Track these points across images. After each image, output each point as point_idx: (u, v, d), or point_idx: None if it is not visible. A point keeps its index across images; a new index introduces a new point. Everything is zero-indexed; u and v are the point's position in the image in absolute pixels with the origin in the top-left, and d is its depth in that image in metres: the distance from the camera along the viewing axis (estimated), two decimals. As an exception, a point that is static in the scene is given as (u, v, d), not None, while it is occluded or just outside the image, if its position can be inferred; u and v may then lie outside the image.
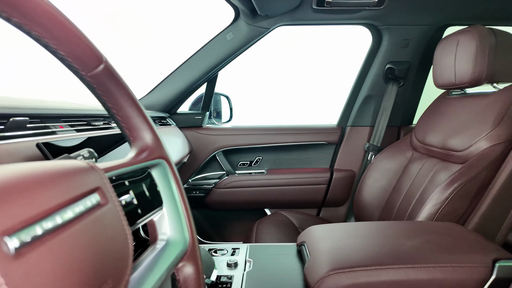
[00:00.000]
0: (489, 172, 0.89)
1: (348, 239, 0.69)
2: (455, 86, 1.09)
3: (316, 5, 1.25)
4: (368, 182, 1.35)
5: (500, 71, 0.99)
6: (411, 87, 1.50)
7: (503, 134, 0.91)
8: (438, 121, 1.19)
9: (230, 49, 1.39)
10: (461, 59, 1.04)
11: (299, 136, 1.58)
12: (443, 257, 0.59)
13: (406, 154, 1.30)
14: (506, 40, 0.99)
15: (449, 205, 0.88)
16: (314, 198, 1.59)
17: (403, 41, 1.39)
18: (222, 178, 1.58)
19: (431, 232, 0.70)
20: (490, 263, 0.58)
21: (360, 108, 1.53)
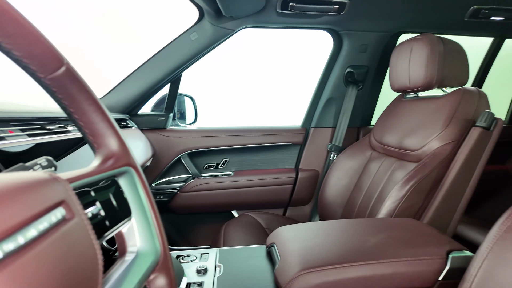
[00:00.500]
0: (441, 169, 0.97)
1: (316, 238, 0.71)
2: (409, 89, 1.17)
3: (280, 8, 1.27)
4: (331, 181, 1.40)
5: (448, 76, 1.08)
6: (369, 90, 1.58)
7: (452, 135, 0.99)
8: (394, 122, 1.26)
9: (194, 49, 1.36)
10: (414, 65, 1.11)
11: (265, 138, 1.59)
12: (404, 252, 0.63)
13: (366, 154, 1.36)
14: (452, 48, 1.08)
15: (407, 201, 0.94)
16: (281, 198, 1.61)
17: (362, 46, 1.46)
18: (187, 181, 1.54)
19: (392, 228, 0.74)
20: (445, 255, 0.63)
21: (322, 110, 1.59)
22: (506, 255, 0.51)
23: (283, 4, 1.25)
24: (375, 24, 1.41)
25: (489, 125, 0.94)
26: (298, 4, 1.25)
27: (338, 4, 1.26)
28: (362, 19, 1.37)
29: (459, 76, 1.10)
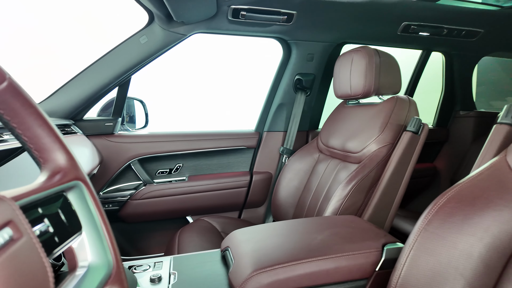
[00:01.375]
0: (378, 170, 1.07)
1: (268, 240, 0.75)
2: (351, 97, 1.27)
3: (232, 16, 1.30)
4: (283, 183, 1.46)
5: (384, 85, 1.20)
6: (316, 96, 1.68)
7: (387, 138, 1.10)
8: (338, 127, 1.36)
9: (144, 53, 1.33)
10: (354, 74, 1.22)
11: (219, 142, 1.60)
12: (346, 247, 0.69)
13: (314, 156, 1.45)
14: (387, 59, 1.21)
15: (349, 200, 1.03)
16: (236, 201, 1.64)
17: (309, 55, 1.55)
18: (138, 188, 1.49)
19: (336, 225, 0.81)
20: (380, 247, 0.70)
21: (274, 114, 1.65)
22: (427, 245, 0.59)
23: (234, 12, 1.28)
24: (320, 34, 1.50)
25: (418, 129, 1.06)
26: (249, 13, 1.29)
27: (286, 14, 1.33)
28: (308, 30, 1.46)
29: (393, 85, 1.22)
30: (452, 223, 0.58)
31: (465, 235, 0.56)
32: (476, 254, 0.55)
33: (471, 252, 0.55)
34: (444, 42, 1.72)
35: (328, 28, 1.47)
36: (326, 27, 1.46)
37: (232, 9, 1.27)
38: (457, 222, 0.58)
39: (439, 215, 0.60)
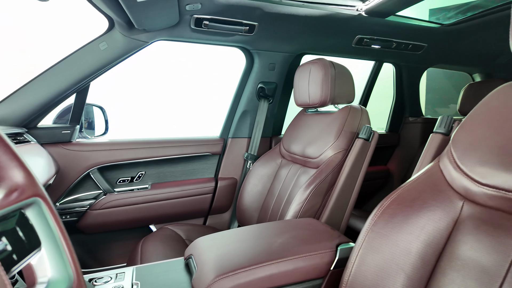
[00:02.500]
0: (334, 174, 1.14)
1: (231, 245, 0.77)
2: (309, 105, 1.35)
3: (194, 25, 1.32)
4: (247, 188, 1.50)
5: (339, 95, 1.29)
6: (278, 103, 1.75)
7: (341, 145, 1.18)
8: (298, 133, 1.43)
9: (104, 59, 1.30)
10: (312, 85, 1.29)
11: (183, 149, 1.60)
12: (303, 248, 0.74)
13: (277, 161, 1.50)
14: (341, 71, 1.30)
15: (308, 203, 1.09)
16: (201, 207, 1.64)
17: (271, 65, 1.61)
18: (98, 198, 1.45)
19: (295, 228, 0.86)
20: (335, 248, 0.76)
21: (238, 121, 1.68)
22: (373, 244, 0.65)
23: (197, 22, 1.30)
24: (281, 45, 1.57)
25: (368, 137, 1.15)
26: (212, 23, 1.32)
27: (248, 25, 1.38)
28: (270, 41, 1.52)
29: (348, 95, 1.32)
30: (394, 223, 0.65)
31: (405, 234, 0.63)
32: (414, 250, 0.62)
33: (410, 248, 0.62)
34: (393, 54, 1.87)
35: (288, 40, 1.54)
36: (286, 38, 1.53)
37: (195, 19, 1.28)
38: (398, 222, 0.65)
39: (383, 216, 0.67)
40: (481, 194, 0.59)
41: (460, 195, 0.63)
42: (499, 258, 0.53)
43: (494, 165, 0.58)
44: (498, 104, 0.65)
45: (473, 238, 0.57)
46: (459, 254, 0.58)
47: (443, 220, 0.62)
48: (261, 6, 1.28)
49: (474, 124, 0.66)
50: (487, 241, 0.55)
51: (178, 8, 1.17)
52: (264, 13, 1.32)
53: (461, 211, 0.61)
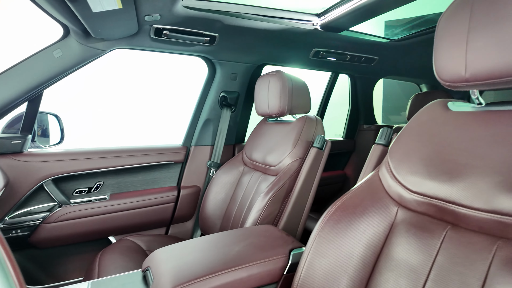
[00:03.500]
0: (291, 181, 1.20)
1: (189, 256, 0.79)
2: (269, 115, 1.40)
3: (154, 35, 1.32)
4: (210, 196, 1.51)
5: (296, 106, 1.36)
6: (241, 112, 1.79)
7: (298, 153, 1.25)
8: (259, 141, 1.48)
9: (58, 67, 1.26)
10: (271, 96, 1.35)
11: (144, 157, 1.58)
12: (258, 255, 0.78)
13: (239, 168, 1.54)
14: (298, 84, 1.37)
15: (267, 210, 1.14)
16: (163, 217, 1.63)
17: (232, 75, 1.65)
18: (53, 210, 1.39)
19: (252, 236, 0.90)
20: (287, 253, 0.81)
21: (201, 129, 1.70)
22: (321, 249, 0.71)
23: (156, 31, 1.31)
24: (242, 56, 1.62)
25: (322, 146, 1.23)
26: (172, 33, 1.33)
27: (209, 36, 1.41)
28: (231, 51, 1.56)
29: (304, 105, 1.39)
30: (338, 228, 0.71)
31: (348, 238, 0.70)
32: (356, 253, 0.68)
33: (352, 252, 0.68)
34: (348, 66, 1.99)
35: (249, 51, 1.59)
36: (247, 49, 1.58)
37: (155, 28, 1.29)
38: (342, 227, 0.71)
39: (329, 222, 0.73)
40: (412, 201, 0.66)
41: (395, 202, 0.70)
42: (424, 257, 0.60)
43: (422, 174, 0.66)
44: (426, 119, 0.74)
45: (404, 240, 0.64)
46: (393, 255, 0.65)
47: (381, 225, 0.69)
48: (221, 18, 1.32)
49: (407, 137, 0.74)
50: (415, 243, 0.62)
51: (137, 19, 1.17)
52: (224, 25, 1.36)
53: (396, 216, 0.68)
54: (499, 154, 0.56)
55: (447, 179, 0.61)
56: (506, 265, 0.49)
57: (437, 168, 0.64)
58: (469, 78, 0.60)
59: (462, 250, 0.55)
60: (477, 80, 0.59)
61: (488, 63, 0.56)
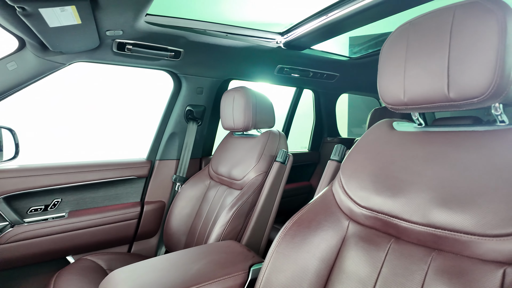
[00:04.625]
0: (255, 195, 1.23)
1: (147, 275, 0.78)
2: (234, 129, 1.43)
3: (117, 49, 1.31)
4: (175, 211, 1.50)
5: (260, 120, 1.39)
6: (207, 125, 1.80)
7: (262, 167, 1.28)
8: (225, 155, 1.49)
9: (12, 80, 1.21)
10: (236, 111, 1.38)
11: (106, 173, 1.53)
12: (218, 273, 0.79)
13: (205, 183, 1.54)
14: (262, 99, 1.41)
15: (231, 225, 1.15)
16: (125, 234, 1.58)
17: (198, 89, 1.66)
18: (3, 231, 1.30)
19: (213, 253, 0.90)
20: (247, 269, 0.82)
21: (166, 143, 1.68)
22: (277, 264, 0.73)
23: (119, 46, 1.29)
24: (208, 71, 1.64)
25: (284, 160, 1.27)
26: (135, 47, 1.32)
27: (174, 51, 1.41)
28: (196, 66, 1.57)
29: (268, 120, 1.43)
30: (294, 243, 0.74)
31: (303, 252, 0.72)
32: (310, 267, 0.71)
33: (307, 266, 0.71)
34: (312, 82, 2.08)
35: (215, 66, 1.62)
36: (213, 65, 1.60)
37: (117, 43, 1.28)
38: (298, 242, 0.74)
39: (286, 237, 0.75)
40: (360, 215, 0.71)
41: (347, 216, 0.74)
42: (371, 269, 0.64)
43: (369, 190, 0.71)
44: (374, 138, 0.79)
45: (354, 253, 0.68)
46: (344, 268, 0.69)
47: (334, 238, 0.73)
48: (186, 35, 1.34)
49: (356, 154, 0.80)
50: (362, 256, 0.66)
51: (98, 33, 1.15)
52: (189, 41, 1.37)
53: (347, 230, 0.73)
54: (433, 171, 0.62)
55: (390, 194, 0.66)
56: (438, 274, 0.54)
57: (382, 184, 0.69)
58: (407, 102, 0.66)
59: (403, 262, 0.60)
60: (414, 104, 0.65)
61: (421, 90, 0.62)
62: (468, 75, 0.55)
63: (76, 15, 0.94)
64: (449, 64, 0.57)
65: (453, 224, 0.54)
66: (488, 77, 0.53)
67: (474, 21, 0.54)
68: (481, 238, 0.51)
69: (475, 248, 0.51)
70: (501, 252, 0.48)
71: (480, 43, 0.54)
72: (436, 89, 0.60)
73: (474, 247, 0.51)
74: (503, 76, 0.52)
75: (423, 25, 0.63)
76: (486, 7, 0.53)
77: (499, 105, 0.59)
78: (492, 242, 0.49)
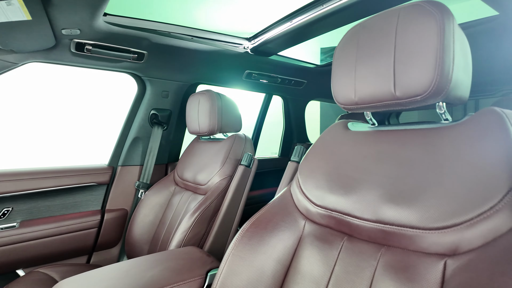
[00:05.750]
0: (219, 200, 1.20)
1: (94, 285, 0.73)
2: (200, 133, 1.40)
3: (75, 49, 1.25)
4: (138, 219, 1.44)
5: (226, 124, 1.38)
6: (174, 130, 1.75)
7: (227, 171, 1.26)
8: (191, 160, 1.46)
9: None
10: (201, 114, 1.36)
11: (63, 179, 1.45)
12: (172, 279, 0.75)
13: (170, 189, 1.49)
14: (227, 103, 1.40)
15: (193, 231, 1.11)
16: (83, 244, 1.49)
17: (164, 92, 1.63)
18: None
19: (171, 259, 0.87)
20: (204, 274, 0.79)
21: (129, 148, 1.62)
22: (233, 267, 0.71)
23: (77, 46, 1.24)
24: (174, 75, 1.61)
25: (249, 163, 1.26)
26: (95, 48, 1.27)
27: (136, 53, 1.38)
28: (162, 69, 1.54)
29: (234, 124, 1.42)
30: (251, 245, 0.72)
31: (260, 254, 0.71)
32: (266, 269, 0.69)
33: (263, 268, 0.70)
34: (280, 88, 2.10)
35: (181, 70, 1.59)
36: (179, 68, 1.58)
37: (76, 43, 1.22)
38: (254, 244, 0.72)
39: (243, 239, 0.74)
40: (316, 214, 0.71)
41: (303, 215, 0.74)
42: (324, 268, 0.64)
43: (324, 189, 0.71)
44: (329, 138, 0.80)
45: (309, 252, 0.68)
46: (299, 268, 0.68)
47: (290, 239, 0.72)
48: (149, 37, 1.31)
49: (313, 155, 0.80)
50: (317, 254, 0.66)
51: (53, 32, 1.10)
52: (152, 44, 1.35)
53: (303, 230, 0.72)
54: (383, 169, 0.64)
55: (343, 193, 0.67)
56: (386, 270, 0.55)
57: (336, 183, 0.69)
58: (358, 101, 0.67)
59: (354, 259, 0.60)
60: (364, 103, 0.66)
61: (370, 89, 0.64)
62: (411, 74, 0.57)
63: (25, 10, 0.89)
64: (394, 64, 0.59)
65: (400, 220, 0.55)
66: (429, 76, 0.55)
67: (416, 23, 0.57)
68: (424, 232, 0.52)
69: (420, 242, 0.52)
70: (442, 244, 0.49)
71: (421, 43, 0.56)
72: (384, 88, 0.61)
73: (419, 241, 0.52)
74: (442, 74, 0.54)
75: (372, 27, 0.65)
76: (426, 9, 0.56)
77: (442, 104, 0.61)
78: (435, 235, 0.51)
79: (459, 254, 0.47)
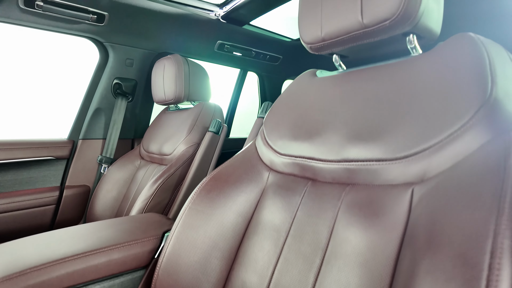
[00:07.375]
0: (184, 168, 1.13)
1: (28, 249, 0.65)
2: (166, 102, 1.31)
3: (24, 5, 1.13)
4: (100, 195, 1.34)
5: (194, 92, 1.30)
6: (140, 103, 1.65)
7: (193, 139, 1.18)
8: (158, 132, 1.37)
9: None
10: (167, 81, 1.27)
11: (16, 152, 1.32)
12: (122, 239, 0.68)
13: (135, 163, 1.40)
14: (196, 69, 1.31)
15: (155, 199, 1.03)
16: (40, 222, 1.38)
17: (128, 60, 1.52)
18: None
19: (125, 223, 0.79)
20: (160, 235, 0.72)
21: (91, 121, 1.51)
22: (189, 221, 0.65)
23: (26, 1, 1.11)
24: (139, 41, 1.50)
25: (218, 130, 1.19)
26: (47, 4, 1.15)
27: (96, 14, 1.26)
28: (125, 35, 1.43)
29: (203, 92, 1.34)
30: (209, 198, 0.66)
31: (219, 207, 0.65)
32: (226, 221, 0.63)
33: (223, 220, 0.63)
34: (255, 64, 2.03)
35: (146, 36, 1.49)
36: (144, 34, 1.47)
37: None
38: (213, 196, 0.66)
39: (201, 192, 0.67)
40: (280, 163, 0.65)
41: (267, 167, 0.68)
42: (286, 215, 0.58)
43: (288, 137, 0.66)
44: (296, 88, 0.75)
45: (271, 202, 0.62)
46: (261, 219, 0.62)
47: (253, 191, 0.66)
48: (108, -7, 1.20)
49: (279, 106, 0.74)
50: (279, 203, 0.60)
51: None
52: (114, 3, 1.24)
53: (267, 181, 0.66)
54: (348, 109, 0.59)
55: (308, 137, 0.61)
56: (349, 207, 0.50)
57: (301, 129, 0.64)
58: (324, 37, 0.62)
59: (317, 202, 0.55)
60: (331, 38, 0.61)
61: (337, 21, 0.58)
62: None
63: None
64: None
65: (365, 155, 0.51)
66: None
67: None
68: (391, 163, 0.47)
69: (386, 175, 0.48)
70: (409, 173, 0.45)
71: None
72: (351, 18, 0.56)
73: (385, 173, 0.48)
74: None
75: None
76: None
77: (413, 37, 0.57)
78: (401, 165, 0.46)
79: (427, 180, 0.43)
